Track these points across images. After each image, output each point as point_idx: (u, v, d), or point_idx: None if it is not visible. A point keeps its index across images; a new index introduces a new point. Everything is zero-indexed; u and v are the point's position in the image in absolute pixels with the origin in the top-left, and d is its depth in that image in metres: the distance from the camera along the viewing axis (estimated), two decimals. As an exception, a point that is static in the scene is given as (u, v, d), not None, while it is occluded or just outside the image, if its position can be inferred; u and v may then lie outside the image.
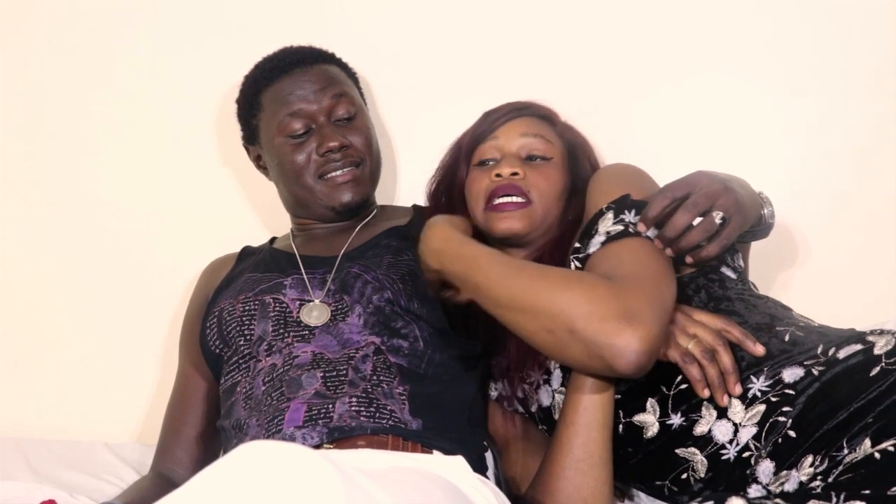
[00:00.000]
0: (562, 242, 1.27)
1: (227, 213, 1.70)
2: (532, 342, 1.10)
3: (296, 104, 1.41)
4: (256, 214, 1.70)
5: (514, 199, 1.29)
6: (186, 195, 1.72)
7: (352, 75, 1.52)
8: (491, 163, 1.33)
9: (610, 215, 1.17)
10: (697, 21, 1.57)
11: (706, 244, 1.13)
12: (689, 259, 1.15)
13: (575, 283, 1.06)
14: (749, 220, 1.19)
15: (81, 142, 1.75)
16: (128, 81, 1.73)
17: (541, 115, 1.37)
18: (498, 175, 1.29)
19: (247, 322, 1.30)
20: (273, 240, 1.53)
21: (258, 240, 1.54)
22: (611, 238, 1.15)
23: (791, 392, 1.04)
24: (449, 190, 1.39)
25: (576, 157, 1.35)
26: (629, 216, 1.16)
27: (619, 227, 1.15)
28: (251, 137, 1.49)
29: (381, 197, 1.60)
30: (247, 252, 1.49)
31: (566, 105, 1.52)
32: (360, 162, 1.42)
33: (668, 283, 1.10)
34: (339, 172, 1.40)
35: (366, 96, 1.57)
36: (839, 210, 1.56)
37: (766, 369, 1.07)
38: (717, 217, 1.12)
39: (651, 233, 1.15)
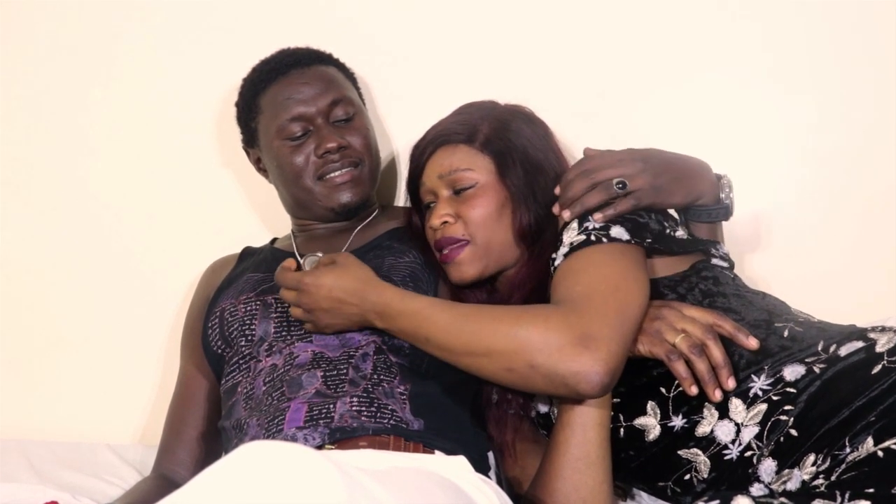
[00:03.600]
0: (537, 253, 1.26)
1: (227, 215, 1.70)
2: (495, 382, 1.12)
3: (293, 107, 1.40)
4: (257, 216, 1.70)
5: (453, 247, 1.28)
6: (187, 196, 1.71)
7: (350, 76, 1.52)
8: (432, 205, 1.33)
9: (574, 224, 1.18)
10: (696, 22, 1.57)
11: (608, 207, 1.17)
12: (597, 215, 1.17)
13: (527, 318, 1.06)
14: (667, 198, 1.21)
15: (81, 143, 1.74)
16: (128, 82, 1.73)
17: (458, 138, 1.31)
18: (432, 227, 1.30)
19: (248, 322, 1.30)
20: (274, 240, 1.53)
21: (259, 241, 1.54)
22: (573, 249, 1.15)
23: (792, 390, 1.03)
24: (417, 235, 1.39)
25: (506, 167, 1.28)
26: (593, 222, 1.16)
27: (582, 237, 1.15)
28: (251, 140, 1.49)
29: (382, 197, 1.60)
30: (248, 252, 1.49)
31: (566, 106, 1.53)
32: (358, 162, 1.42)
33: (631, 291, 1.10)
34: (337, 173, 1.40)
35: (366, 96, 1.57)
36: (838, 208, 1.56)
37: (766, 367, 1.07)
38: (617, 183, 1.16)
39: (622, 233, 1.15)
